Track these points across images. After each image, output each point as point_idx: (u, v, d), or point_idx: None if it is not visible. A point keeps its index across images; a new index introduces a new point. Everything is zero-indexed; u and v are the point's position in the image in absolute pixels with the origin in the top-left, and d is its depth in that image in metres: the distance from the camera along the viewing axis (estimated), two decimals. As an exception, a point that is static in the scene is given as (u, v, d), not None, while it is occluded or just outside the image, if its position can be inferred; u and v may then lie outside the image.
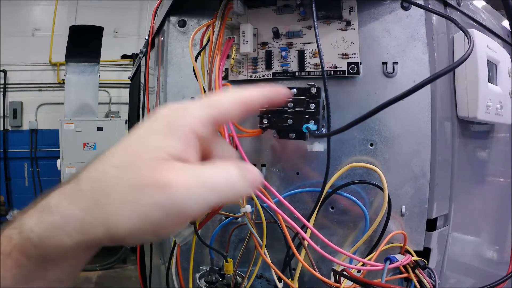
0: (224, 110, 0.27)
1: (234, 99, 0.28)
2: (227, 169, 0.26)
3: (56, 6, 3.81)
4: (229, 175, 0.26)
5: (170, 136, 0.25)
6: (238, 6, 0.50)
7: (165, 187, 0.23)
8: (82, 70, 3.18)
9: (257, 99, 0.29)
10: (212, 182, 0.25)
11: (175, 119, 0.26)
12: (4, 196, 3.63)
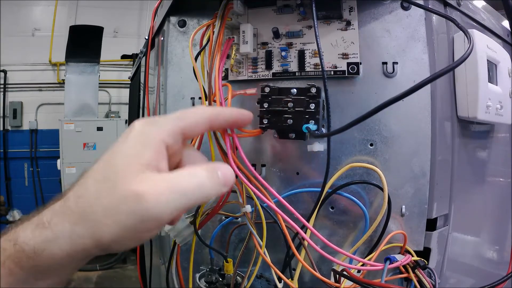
0: (190, 124, 0.30)
1: (201, 115, 0.31)
2: (194, 173, 0.29)
3: (56, 6, 3.81)
4: (197, 177, 0.28)
5: (142, 147, 0.28)
6: (238, 6, 0.50)
7: (139, 197, 0.26)
8: (82, 70, 3.18)
9: (222, 118, 0.33)
10: (180, 187, 0.27)
11: (146, 131, 0.29)
12: (4, 196, 3.63)
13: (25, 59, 3.74)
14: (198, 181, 0.28)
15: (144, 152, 0.28)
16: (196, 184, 0.28)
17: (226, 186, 0.30)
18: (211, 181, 0.29)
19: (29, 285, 0.28)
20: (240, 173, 0.42)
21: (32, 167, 3.77)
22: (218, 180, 0.29)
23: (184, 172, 0.29)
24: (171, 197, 0.27)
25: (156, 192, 0.26)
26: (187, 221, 0.50)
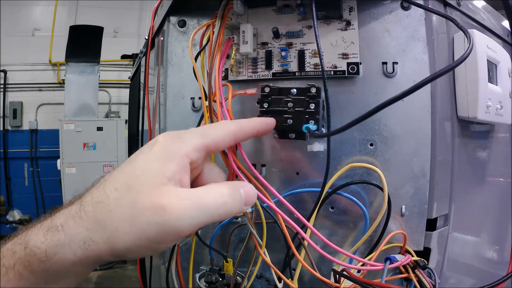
0: (215, 141, 0.31)
1: (225, 131, 0.32)
2: (217, 190, 0.29)
3: (56, 6, 3.81)
4: (220, 195, 0.29)
5: (166, 161, 0.28)
6: (238, 6, 0.50)
7: (162, 209, 0.26)
8: (82, 70, 3.18)
9: (247, 131, 0.34)
10: (204, 204, 0.28)
11: (171, 146, 0.29)
12: (4, 196, 3.63)
13: (25, 59, 3.74)
14: (221, 199, 0.29)
15: (168, 165, 0.28)
16: (219, 201, 0.29)
17: (248, 205, 0.31)
18: (233, 199, 0.29)
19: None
20: (240, 173, 0.42)
21: (32, 167, 3.77)
22: (240, 199, 0.30)
23: (208, 189, 0.29)
24: (194, 213, 0.27)
25: (179, 206, 0.27)
26: (187, 221, 0.50)
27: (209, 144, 0.30)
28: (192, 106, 0.58)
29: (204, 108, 0.46)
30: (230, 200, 0.29)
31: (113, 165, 3.05)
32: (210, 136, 0.31)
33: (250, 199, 0.31)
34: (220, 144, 0.31)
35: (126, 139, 2.66)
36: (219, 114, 0.43)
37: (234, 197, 0.29)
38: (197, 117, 0.56)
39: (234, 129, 0.32)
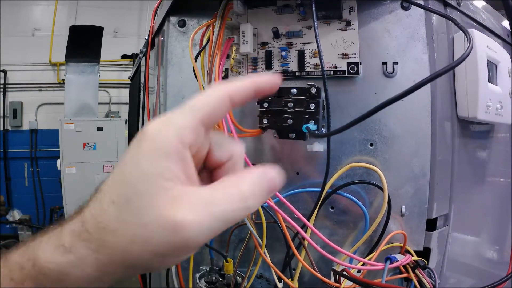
0: (209, 111, 0.25)
1: (218, 96, 0.25)
2: (237, 191, 0.24)
3: (56, 6, 3.81)
4: (240, 198, 0.24)
5: (161, 159, 0.23)
6: (238, 6, 0.50)
7: (177, 228, 0.22)
8: (82, 70, 3.18)
9: (244, 90, 0.27)
10: (223, 212, 0.23)
11: (160, 136, 0.24)
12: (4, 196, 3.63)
13: (25, 59, 3.74)
14: (241, 204, 0.24)
15: (165, 164, 0.23)
16: (239, 207, 0.24)
17: (271, 193, 0.26)
18: (256, 197, 0.24)
19: None
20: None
21: (32, 167, 3.76)
22: (265, 193, 0.25)
23: (224, 190, 0.24)
24: (214, 224, 0.23)
25: (196, 220, 0.22)
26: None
27: (203, 118, 0.25)
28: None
29: (204, 108, 0.46)
30: (252, 199, 0.24)
31: (113, 165, 3.05)
32: (201, 108, 0.25)
33: (274, 189, 0.25)
34: (216, 113, 0.25)
35: (126, 139, 2.66)
36: (219, 114, 0.43)
37: (258, 194, 0.24)
38: (197, 117, 0.56)
39: (227, 90, 0.26)
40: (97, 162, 3.05)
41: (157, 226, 0.22)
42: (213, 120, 0.25)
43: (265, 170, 0.25)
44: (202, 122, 0.25)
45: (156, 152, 0.23)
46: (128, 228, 0.23)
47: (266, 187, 0.25)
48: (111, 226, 0.23)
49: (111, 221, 0.23)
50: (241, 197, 0.24)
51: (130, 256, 0.23)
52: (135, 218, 0.23)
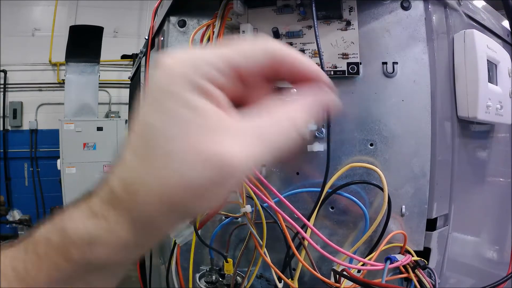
0: (241, 52, 0.21)
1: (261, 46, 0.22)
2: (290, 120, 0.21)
3: (56, 6, 3.81)
4: (295, 126, 0.21)
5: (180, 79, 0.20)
6: (238, 6, 0.50)
7: (222, 162, 0.19)
8: (82, 70, 3.18)
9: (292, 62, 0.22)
10: (274, 143, 0.20)
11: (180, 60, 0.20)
12: (4, 196, 3.63)
13: (25, 59, 3.74)
14: (295, 133, 0.21)
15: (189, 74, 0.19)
16: (294, 135, 0.21)
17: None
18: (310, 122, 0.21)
19: (77, 280, 0.23)
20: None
21: (32, 167, 3.76)
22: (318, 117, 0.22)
23: (275, 118, 0.21)
24: (264, 156, 0.20)
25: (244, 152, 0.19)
26: (187, 221, 0.50)
27: (234, 60, 0.21)
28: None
29: (204, 108, 0.46)
30: (305, 127, 0.21)
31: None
32: (233, 48, 0.21)
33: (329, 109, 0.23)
34: (250, 60, 0.21)
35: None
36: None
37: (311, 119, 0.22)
38: (197, 117, 0.56)
39: (274, 49, 0.21)
40: (97, 162, 3.05)
41: (193, 161, 0.19)
42: (244, 65, 0.21)
43: (317, 95, 0.22)
44: (228, 60, 0.21)
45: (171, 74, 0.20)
46: (157, 172, 0.19)
47: (320, 112, 0.22)
48: (139, 179, 0.20)
49: (138, 172, 0.20)
50: (295, 126, 0.21)
51: (165, 198, 0.20)
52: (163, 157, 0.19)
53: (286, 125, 0.21)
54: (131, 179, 0.21)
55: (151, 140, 0.19)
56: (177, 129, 0.19)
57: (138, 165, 0.20)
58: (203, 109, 0.19)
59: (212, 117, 0.19)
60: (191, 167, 0.19)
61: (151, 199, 0.20)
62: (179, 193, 0.19)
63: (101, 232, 0.22)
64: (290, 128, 0.21)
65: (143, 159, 0.20)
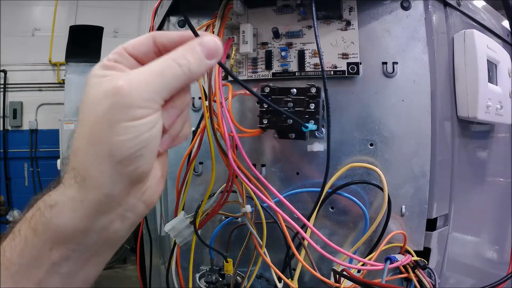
0: (131, 43, 0.29)
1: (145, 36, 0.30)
2: (170, 55, 0.27)
3: (56, 6, 3.80)
4: (174, 57, 0.27)
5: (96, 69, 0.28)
6: (238, 6, 0.50)
7: (116, 89, 0.25)
8: (82, 70, 3.17)
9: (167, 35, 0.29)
10: (156, 68, 0.26)
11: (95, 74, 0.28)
12: (4, 196, 3.63)
13: (25, 59, 3.73)
14: (174, 58, 0.27)
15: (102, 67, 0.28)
16: (172, 61, 0.26)
17: (213, 58, 0.28)
18: (190, 56, 0.27)
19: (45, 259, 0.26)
20: (240, 173, 0.42)
21: (32, 167, 3.76)
22: (199, 54, 0.27)
23: (159, 58, 0.27)
24: (149, 80, 0.25)
25: (131, 78, 0.25)
26: (187, 221, 0.50)
27: (126, 47, 0.29)
28: (192, 106, 0.58)
29: (204, 108, 0.46)
30: (183, 58, 0.27)
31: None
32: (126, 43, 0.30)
33: (211, 50, 0.28)
34: (136, 44, 0.29)
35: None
36: (219, 114, 0.43)
37: (191, 55, 0.27)
38: (197, 117, 0.56)
39: (153, 33, 0.30)
40: (97, 162, 3.04)
41: (102, 98, 0.25)
42: (133, 49, 0.29)
43: (199, 38, 0.28)
44: (124, 49, 0.29)
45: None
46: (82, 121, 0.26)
47: (201, 49, 0.27)
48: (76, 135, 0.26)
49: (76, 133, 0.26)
50: (172, 58, 0.27)
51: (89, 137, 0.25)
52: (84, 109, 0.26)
53: (168, 62, 0.27)
54: (73, 143, 0.26)
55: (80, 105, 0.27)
56: (91, 88, 0.26)
57: (77, 129, 0.26)
58: (106, 74, 0.27)
59: (112, 74, 0.26)
60: (98, 103, 0.25)
61: (79, 143, 0.26)
62: (96, 128, 0.25)
63: (58, 195, 0.26)
64: (170, 63, 0.26)
65: (78, 124, 0.26)
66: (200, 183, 0.58)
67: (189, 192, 0.55)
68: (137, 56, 0.29)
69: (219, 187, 0.50)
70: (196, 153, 0.50)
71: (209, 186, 0.48)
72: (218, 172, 0.48)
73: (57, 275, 0.26)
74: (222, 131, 0.43)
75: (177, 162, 0.53)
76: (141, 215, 0.29)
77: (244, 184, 0.42)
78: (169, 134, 0.29)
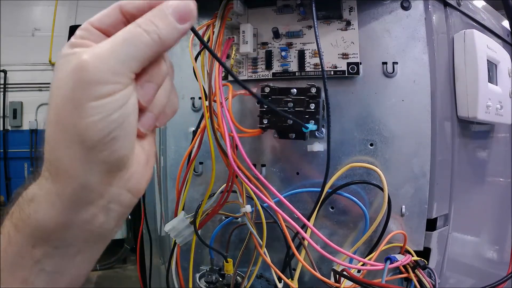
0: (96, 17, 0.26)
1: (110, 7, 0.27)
2: (138, 20, 0.24)
3: (56, 6, 3.81)
4: (142, 23, 0.24)
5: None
6: (238, 6, 0.50)
7: (80, 64, 0.22)
8: (82, 70, 3.18)
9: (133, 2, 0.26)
10: (120, 36, 0.23)
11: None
12: (4, 196, 3.63)
13: (25, 59, 3.73)
14: (140, 24, 0.24)
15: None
16: (138, 28, 0.24)
17: (184, 22, 0.25)
18: (158, 20, 0.24)
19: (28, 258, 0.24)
20: (240, 173, 0.42)
21: (32, 167, 3.76)
22: (169, 18, 0.24)
23: (122, 31, 0.24)
24: (115, 49, 0.23)
25: (95, 51, 0.23)
26: (187, 221, 0.50)
27: (92, 21, 0.26)
28: (192, 106, 0.58)
29: (204, 108, 0.46)
30: (154, 25, 0.24)
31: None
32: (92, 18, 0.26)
33: (183, 12, 0.24)
34: (103, 17, 0.26)
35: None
36: (219, 114, 0.43)
37: (159, 20, 0.24)
38: (197, 117, 0.56)
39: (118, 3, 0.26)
40: (97, 162, 3.04)
41: (66, 77, 0.23)
42: (98, 22, 0.26)
43: (168, 2, 0.25)
44: (90, 23, 0.26)
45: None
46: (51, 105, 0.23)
47: (171, 13, 0.24)
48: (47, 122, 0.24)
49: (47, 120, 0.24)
50: (138, 24, 0.24)
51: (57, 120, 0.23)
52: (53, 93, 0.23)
53: (134, 29, 0.24)
54: (45, 131, 0.24)
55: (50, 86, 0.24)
56: (57, 69, 0.24)
57: (46, 115, 0.24)
58: (75, 51, 0.24)
59: (80, 50, 0.23)
60: (64, 83, 0.23)
61: (48, 130, 0.24)
62: (62, 111, 0.23)
63: (36, 189, 0.25)
64: (137, 30, 0.24)
65: (47, 109, 0.24)
66: (200, 183, 0.58)
67: (189, 192, 0.55)
68: (106, 30, 0.26)
69: (219, 187, 0.50)
70: (196, 153, 0.50)
71: (209, 186, 0.48)
72: (218, 172, 0.48)
73: (43, 273, 0.25)
74: (222, 131, 0.43)
75: (177, 162, 0.53)
76: (128, 205, 0.26)
77: (244, 184, 0.42)
78: (151, 112, 0.26)
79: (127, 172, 0.25)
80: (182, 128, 0.59)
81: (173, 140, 0.60)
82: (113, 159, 0.24)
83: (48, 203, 0.24)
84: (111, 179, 0.24)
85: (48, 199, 0.24)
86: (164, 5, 0.25)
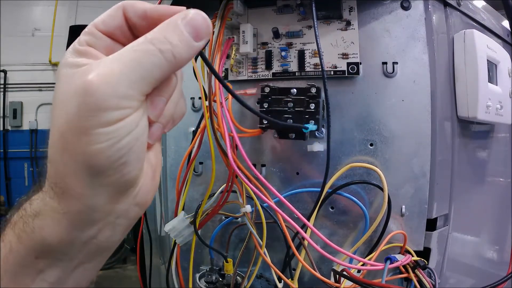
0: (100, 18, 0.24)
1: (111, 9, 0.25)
2: (148, 36, 0.22)
3: (56, 6, 3.81)
4: (146, 41, 0.21)
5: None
6: (238, 6, 0.50)
7: (86, 86, 0.20)
8: (82, 70, 3.18)
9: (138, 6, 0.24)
10: (129, 58, 0.21)
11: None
12: (4, 196, 3.63)
13: (25, 59, 3.73)
14: (153, 41, 0.21)
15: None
16: (151, 46, 0.21)
17: (201, 39, 0.23)
18: (173, 37, 0.22)
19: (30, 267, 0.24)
20: (240, 173, 0.42)
21: (32, 167, 3.76)
22: (184, 34, 0.22)
23: (135, 41, 0.22)
24: (124, 70, 0.21)
25: (104, 71, 0.21)
26: (187, 221, 0.50)
27: (96, 24, 0.24)
28: (192, 106, 0.58)
29: (204, 108, 0.46)
30: (169, 43, 0.21)
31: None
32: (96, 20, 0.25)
33: (199, 29, 0.23)
34: (107, 20, 0.24)
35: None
36: (219, 114, 0.43)
37: (175, 37, 0.22)
38: (197, 117, 0.56)
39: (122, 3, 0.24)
40: (97, 162, 3.04)
41: (71, 97, 0.21)
42: (103, 25, 0.24)
43: (180, 14, 0.23)
44: (95, 26, 0.24)
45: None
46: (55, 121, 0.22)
47: (186, 29, 0.22)
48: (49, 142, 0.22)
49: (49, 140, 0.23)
50: (150, 41, 0.21)
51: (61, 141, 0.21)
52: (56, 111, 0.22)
53: (146, 47, 0.21)
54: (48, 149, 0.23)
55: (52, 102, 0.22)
56: (61, 82, 0.22)
57: (50, 132, 0.23)
58: (79, 62, 0.22)
59: (85, 64, 0.22)
60: (68, 103, 0.21)
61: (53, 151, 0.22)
62: (67, 135, 0.21)
63: (40, 204, 0.24)
64: (149, 48, 0.21)
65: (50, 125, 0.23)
66: (200, 183, 0.58)
67: (189, 192, 0.55)
68: (111, 33, 0.24)
69: (219, 187, 0.50)
70: (196, 153, 0.50)
71: (209, 186, 0.48)
72: (218, 172, 0.48)
73: (45, 283, 0.24)
74: (222, 131, 0.43)
75: (177, 162, 0.53)
76: (135, 218, 0.26)
77: (244, 184, 0.42)
78: (160, 122, 0.25)
79: (136, 188, 0.24)
80: (182, 128, 0.59)
81: (173, 140, 0.60)
82: (122, 181, 0.23)
83: (53, 220, 0.23)
84: (120, 199, 0.24)
85: (53, 216, 0.23)
86: (178, 17, 0.22)
